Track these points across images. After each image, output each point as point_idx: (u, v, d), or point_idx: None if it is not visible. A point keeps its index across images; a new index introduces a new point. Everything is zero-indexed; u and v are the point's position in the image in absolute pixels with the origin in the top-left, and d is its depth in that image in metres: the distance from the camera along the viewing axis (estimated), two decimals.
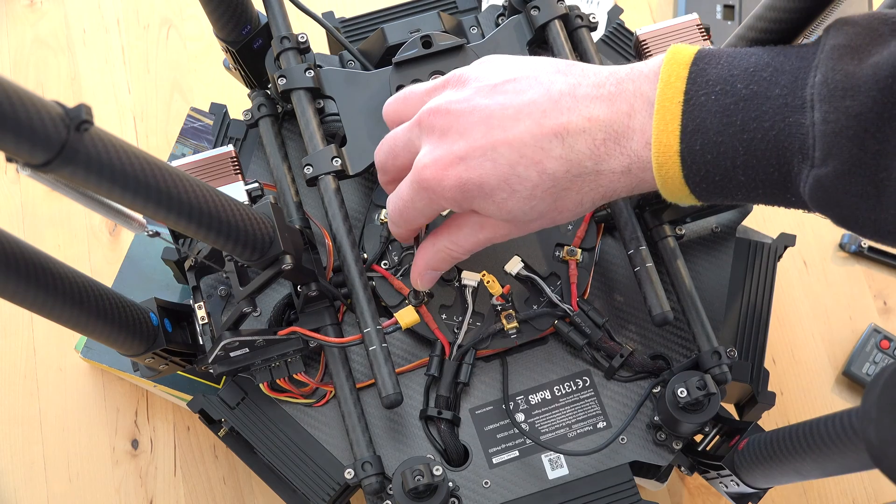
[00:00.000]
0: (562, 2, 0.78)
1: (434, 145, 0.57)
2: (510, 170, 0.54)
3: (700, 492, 0.92)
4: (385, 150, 0.62)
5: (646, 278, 0.71)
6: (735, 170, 0.50)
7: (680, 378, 0.68)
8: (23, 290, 0.56)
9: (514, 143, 0.54)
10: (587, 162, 0.53)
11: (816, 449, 0.55)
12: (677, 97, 0.51)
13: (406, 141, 0.60)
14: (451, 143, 0.56)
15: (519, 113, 0.54)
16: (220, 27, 0.77)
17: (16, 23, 1.11)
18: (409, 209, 0.60)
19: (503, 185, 0.55)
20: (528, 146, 0.54)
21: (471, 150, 0.55)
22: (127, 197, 0.50)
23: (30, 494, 0.93)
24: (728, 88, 0.50)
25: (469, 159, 0.55)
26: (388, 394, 0.66)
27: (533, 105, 0.54)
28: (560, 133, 0.53)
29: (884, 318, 0.98)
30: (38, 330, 0.98)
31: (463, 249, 0.62)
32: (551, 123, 0.54)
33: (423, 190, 0.58)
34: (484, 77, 0.57)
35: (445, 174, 0.56)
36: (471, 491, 0.71)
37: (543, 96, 0.54)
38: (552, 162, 0.54)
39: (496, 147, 0.54)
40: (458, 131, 0.56)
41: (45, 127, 0.43)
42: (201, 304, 0.71)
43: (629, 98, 0.53)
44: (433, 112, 0.57)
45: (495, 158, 0.54)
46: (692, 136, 0.50)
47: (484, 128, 0.55)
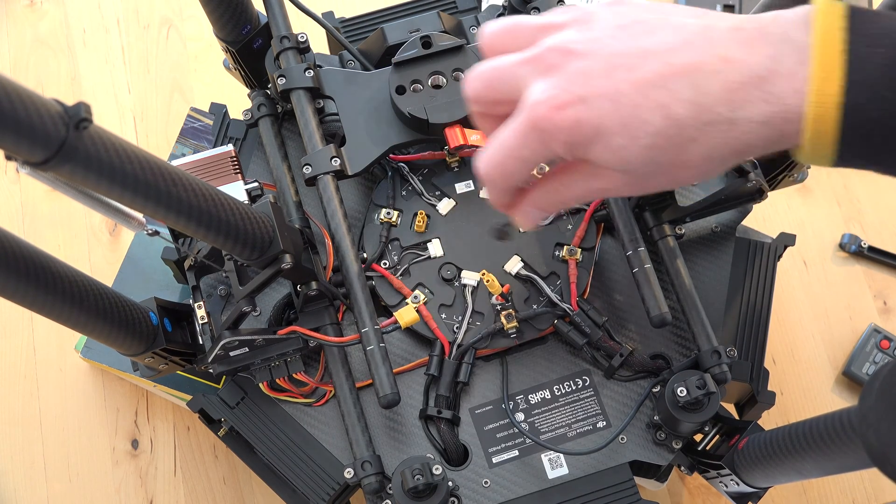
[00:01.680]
0: (561, 2, 0.78)
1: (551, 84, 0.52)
2: (632, 112, 0.50)
3: (700, 491, 0.92)
4: (485, 78, 0.56)
5: (644, 280, 0.71)
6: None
7: (680, 377, 0.68)
8: (23, 290, 0.56)
9: (639, 84, 0.50)
10: (720, 107, 0.49)
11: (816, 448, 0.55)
12: (838, 45, 0.47)
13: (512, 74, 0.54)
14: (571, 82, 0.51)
15: (646, 52, 0.50)
16: (220, 27, 0.77)
17: (16, 23, 1.11)
18: (514, 157, 0.54)
19: (623, 129, 0.50)
20: (654, 87, 0.50)
21: (591, 89, 0.51)
22: (126, 195, 0.50)
23: (30, 494, 0.93)
24: (892, 43, 0.46)
25: (589, 99, 0.51)
26: (386, 394, 0.66)
27: (662, 44, 0.50)
28: (690, 72, 0.49)
29: (884, 318, 0.98)
30: (38, 330, 0.98)
31: (573, 194, 0.57)
32: (680, 62, 0.49)
33: (533, 130, 0.52)
34: (611, 18, 0.53)
35: (562, 113, 0.51)
36: (470, 490, 0.71)
37: (673, 35, 0.51)
38: (679, 105, 0.49)
39: (619, 87, 0.50)
40: (579, 71, 0.51)
41: (44, 125, 0.43)
42: (201, 304, 0.71)
43: (774, 41, 0.49)
44: (554, 50, 0.53)
45: (617, 99, 0.50)
46: (858, 89, 0.47)
47: (608, 67, 0.51)
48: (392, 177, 0.78)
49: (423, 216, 0.76)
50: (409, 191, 0.78)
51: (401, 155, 0.78)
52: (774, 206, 1.02)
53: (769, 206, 1.01)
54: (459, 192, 0.78)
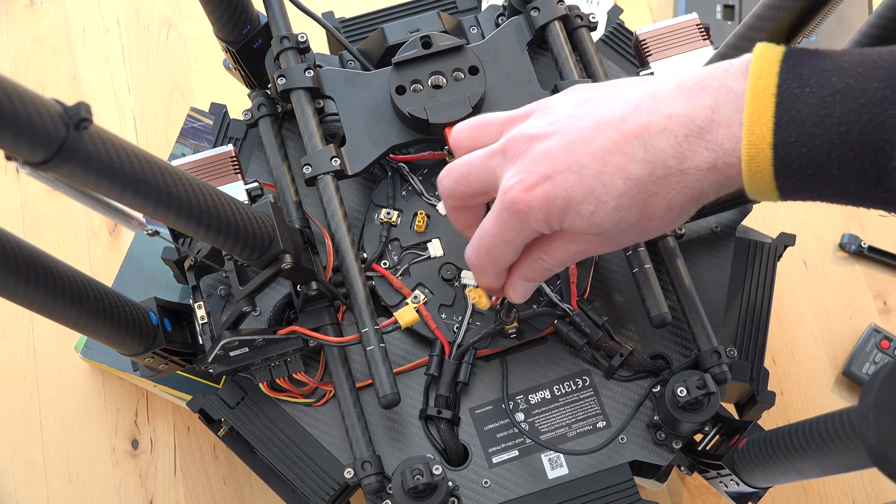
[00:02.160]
0: (562, 3, 0.78)
1: (519, 169, 0.56)
2: (595, 180, 0.54)
3: (700, 491, 0.92)
4: (457, 174, 0.60)
5: (644, 280, 0.71)
6: (830, 163, 0.49)
7: (680, 377, 0.68)
8: (23, 290, 0.56)
9: (597, 153, 0.54)
10: (670, 161, 0.52)
11: (816, 448, 0.55)
12: (770, 89, 0.50)
13: (484, 167, 0.59)
14: (536, 163, 0.56)
15: (599, 123, 0.54)
16: (220, 27, 0.77)
17: (16, 23, 1.11)
18: (498, 244, 0.59)
19: (590, 196, 0.54)
20: (611, 153, 0.53)
21: (555, 167, 0.55)
22: (126, 195, 0.50)
23: (30, 494, 0.93)
24: (823, 82, 0.49)
25: (554, 176, 0.55)
26: (386, 394, 0.66)
27: (613, 113, 0.54)
28: (640, 135, 0.53)
29: (884, 318, 0.98)
30: (38, 330, 0.98)
31: (556, 261, 0.60)
32: (631, 127, 0.53)
33: (512, 214, 0.57)
34: (567, 100, 0.57)
35: (532, 192, 0.55)
36: (470, 490, 0.71)
37: (622, 103, 0.54)
38: (636, 166, 0.53)
39: (579, 160, 0.54)
40: (542, 153, 0.55)
41: (44, 125, 0.43)
42: (201, 304, 0.71)
43: (712, 93, 0.52)
44: (518, 138, 0.57)
45: (580, 171, 0.54)
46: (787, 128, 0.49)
47: (567, 144, 0.55)
48: (392, 177, 0.78)
49: (423, 216, 0.76)
50: (409, 191, 0.78)
51: (401, 155, 0.78)
52: (774, 206, 1.02)
53: (769, 206, 1.02)
54: None
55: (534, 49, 0.79)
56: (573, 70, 0.76)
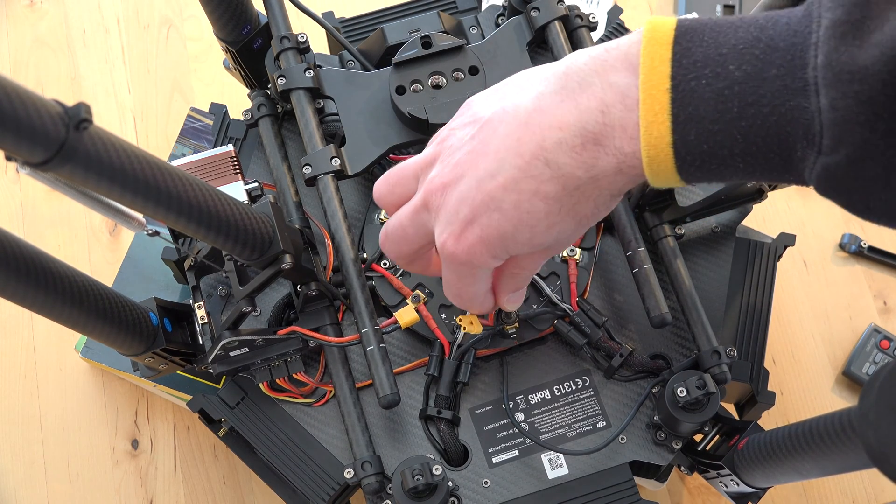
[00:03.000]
0: (562, 3, 0.78)
1: (445, 222, 0.56)
2: (517, 211, 0.53)
3: (700, 492, 0.92)
4: (396, 238, 0.61)
5: (644, 280, 0.71)
6: (733, 157, 0.48)
7: (680, 377, 0.68)
8: (23, 290, 0.56)
9: (508, 184, 0.53)
10: (578, 172, 0.51)
11: (816, 448, 0.55)
12: (663, 83, 0.48)
13: (417, 224, 0.59)
14: (457, 212, 0.55)
15: (497, 152, 0.53)
16: (220, 27, 0.77)
17: (16, 23, 1.11)
18: (463, 288, 0.60)
19: (520, 226, 0.54)
20: (520, 181, 0.52)
21: (474, 210, 0.54)
22: (126, 196, 0.50)
23: (30, 494, 0.93)
24: (719, 71, 0.47)
25: (478, 218, 0.54)
26: (386, 394, 0.66)
27: (508, 138, 0.53)
28: (540, 155, 0.51)
29: (884, 318, 0.98)
30: (38, 330, 0.98)
31: (529, 270, 0.61)
32: (529, 148, 0.52)
33: (459, 266, 0.57)
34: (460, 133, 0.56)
35: (467, 242, 0.55)
36: (470, 490, 0.71)
37: (514, 124, 0.53)
38: (547, 186, 0.52)
39: (493, 195, 0.53)
40: (458, 199, 0.55)
41: (44, 125, 0.43)
42: (201, 304, 0.71)
43: (597, 93, 0.50)
44: (432, 192, 0.57)
45: (499, 206, 0.53)
46: (685, 126, 0.48)
47: (475, 183, 0.54)
48: None
49: None
50: None
51: (401, 155, 0.78)
52: (774, 206, 1.02)
53: (769, 206, 1.02)
54: None
55: (534, 49, 0.79)
56: None
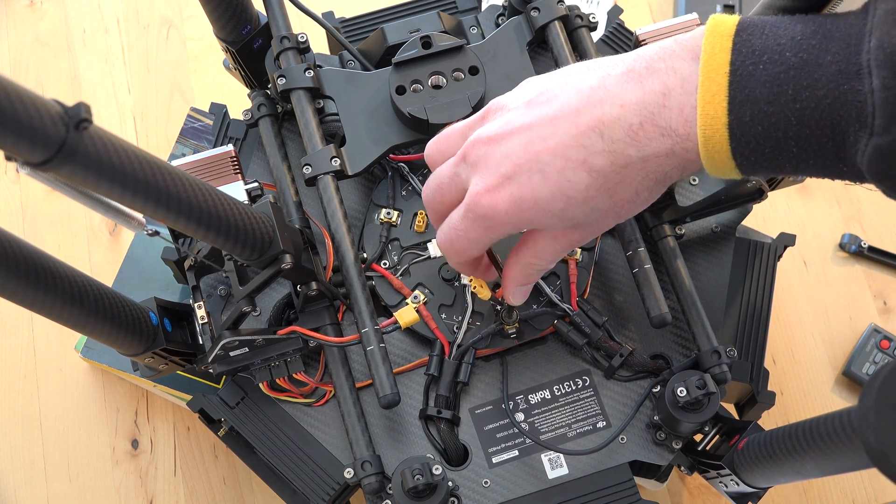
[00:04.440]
0: (562, 3, 0.78)
1: (482, 174, 0.56)
2: (560, 177, 0.53)
3: (700, 492, 0.92)
4: (432, 188, 0.61)
5: (644, 280, 0.71)
6: (787, 141, 0.48)
7: (680, 377, 0.68)
8: (23, 290, 0.56)
9: (557, 149, 0.53)
10: (630, 150, 0.52)
11: (816, 448, 0.55)
12: (723, 68, 0.49)
13: (452, 176, 0.59)
14: (497, 166, 0.55)
15: (554, 119, 0.54)
16: (220, 27, 0.77)
17: (16, 23, 1.11)
18: (462, 240, 0.59)
19: (557, 194, 0.54)
20: (571, 148, 0.53)
21: (517, 167, 0.54)
22: (126, 196, 0.50)
23: (30, 494, 0.93)
24: (776, 58, 0.48)
25: (517, 176, 0.54)
26: (386, 394, 0.66)
27: (566, 107, 0.53)
28: (596, 127, 0.52)
29: (884, 318, 0.98)
30: (38, 330, 0.98)
31: (546, 260, 0.61)
32: (586, 119, 0.52)
33: (478, 219, 0.57)
34: (518, 98, 0.57)
35: (498, 197, 0.55)
36: (470, 490, 0.71)
37: (575, 95, 0.54)
38: (597, 158, 0.53)
39: (540, 157, 0.54)
40: (502, 154, 0.55)
41: (44, 125, 0.43)
42: (201, 304, 0.71)
43: (661, 77, 0.51)
44: (476, 143, 0.57)
45: (542, 169, 0.54)
46: (741, 107, 0.49)
47: (525, 142, 0.54)
48: (392, 177, 0.78)
49: (423, 216, 0.76)
50: (409, 191, 0.78)
51: (401, 155, 0.78)
52: (774, 206, 1.02)
53: (769, 206, 1.02)
54: None
55: (534, 49, 0.79)
56: None
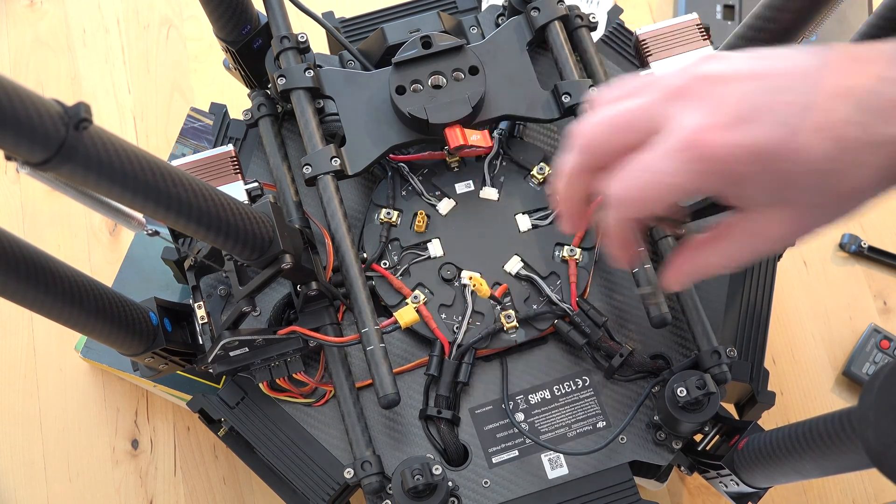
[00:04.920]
0: (562, 3, 0.78)
1: (706, 111, 0.47)
2: (801, 137, 0.46)
3: (700, 492, 0.92)
4: (608, 122, 0.50)
5: (644, 280, 0.71)
6: None
7: (680, 377, 0.68)
8: (23, 290, 0.56)
9: (798, 105, 0.46)
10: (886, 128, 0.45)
11: (815, 448, 0.55)
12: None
13: (650, 110, 0.49)
14: (730, 105, 0.47)
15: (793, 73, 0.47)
16: (220, 27, 0.77)
17: (16, 23, 1.11)
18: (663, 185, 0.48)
19: (796, 153, 0.46)
20: (815, 109, 0.46)
21: (756, 111, 0.47)
22: (126, 195, 0.50)
23: (30, 494, 0.93)
24: None
25: (758, 121, 0.46)
26: (386, 394, 0.66)
27: (804, 65, 0.47)
28: (851, 93, 0.46)
29: (884, 318, 0.98)
30: (38, 330, 0.98)
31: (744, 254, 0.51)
32: (837, 83, 0.46)
33: (695, 160, 0.47)
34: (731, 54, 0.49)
35: (731, 137, 0.46)
36: (470, 490, 0.71)
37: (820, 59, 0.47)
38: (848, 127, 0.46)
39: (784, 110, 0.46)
40: (734, 94, 0.47)
41: (43, 125, 0.43)
42: (201, 304, 0.71)
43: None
44: (701, 79, 0.48)
45: (786, 121, 0.46)
46: None
47: (763, 89, 0.47)
48: (392, 177, 0.78)
49: (423, 216, 0.76)
50: (409, 191, 0.78)
51: (401, 155, 0.78)
52: None
53: None
54: (459, 192, 0.78)
55: (534, 49, 0.79)
56: (573, 70, 0.76)
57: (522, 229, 0.76)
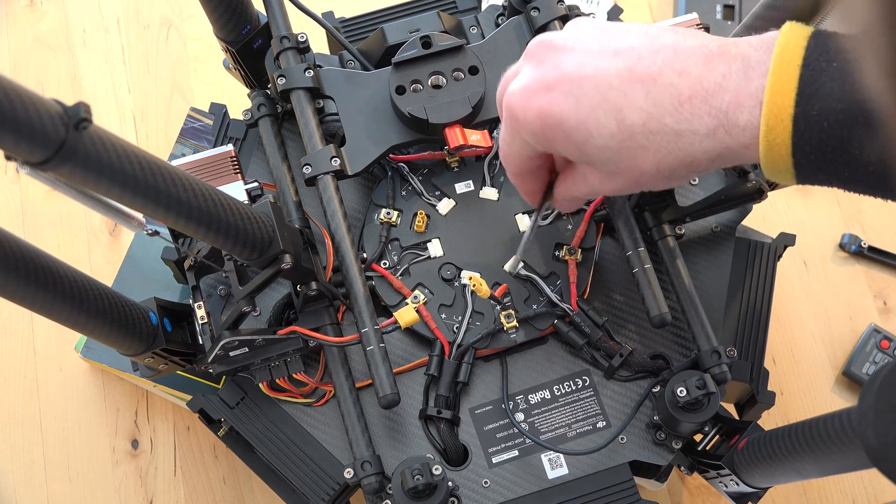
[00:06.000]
0: (562, 3, 0.78)
1: (527, 74, 0.56)
2: (590, 112, 0.53)
3: (700, 492, 0.92)
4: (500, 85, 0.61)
5: (644, 280, 0.71)
6: (851, 141, 0.48)
7: (679, 377, 0.68)
8: (23, 290, 0.56)
9: (601, 84, 0.53)
10: (667, 118, 0.51)
11: (815, 448, 0.55)
12: (796, 60, 0.48)
13: (514, 73, 0.59)
14: (545, 71, 0.55)
15: (616, 54, 0.53)
16: (220, 27, 0.77)
17: (16, 23, 1.11)
18: (503, 142, 0.60)
19: (581, 126, 0.54)
20: (613, 90, 0.53)
21: (559, 80, 0.54)
22: (126, 195, 0.50)
23: (30, 494, 0.93)
24: (849, 58, 0.47)
25: (555, 90, 0.54)
26: (386, 394, 0.66)
27: (631, 51, 0.53)
28: (646, 81, 0.52)
29: (884, 318, 0.98)
30: (38, 330, 0.98)
31: (579, 192, 0.61)
32: (640, 70, 0.52)
33: (509, 118, 0.57)
34: (599, 24, 0.57)
35: (529, 102, 0.55)
36: (470, 490, 0.71)
37: (645, 45, 0.53)
38: (632, 112, 0.52)
39: (582, 83, 0.53)
40: (554, 62, 0.55)
41: (43, 125, 0.43)
42: (201, 304, 0.71)
43: (728, 59, 0.51)
44: (540, 43, 0.57)
45: (578, 96, 0.53)
46: (809, 100, 0.48)
47: (579, 61, 0.54)
48: (392, 177, 0.78)
49: (423, 216, 0.76)
50: (409, 191, 0.78)
51: (401, 155, 0.78)
52: (774, 206, 1.02)
53: (769, 206, 1.01)
54: (459, 192, 0.78)
55: None
56: None
57: (522, 229, 0.76)
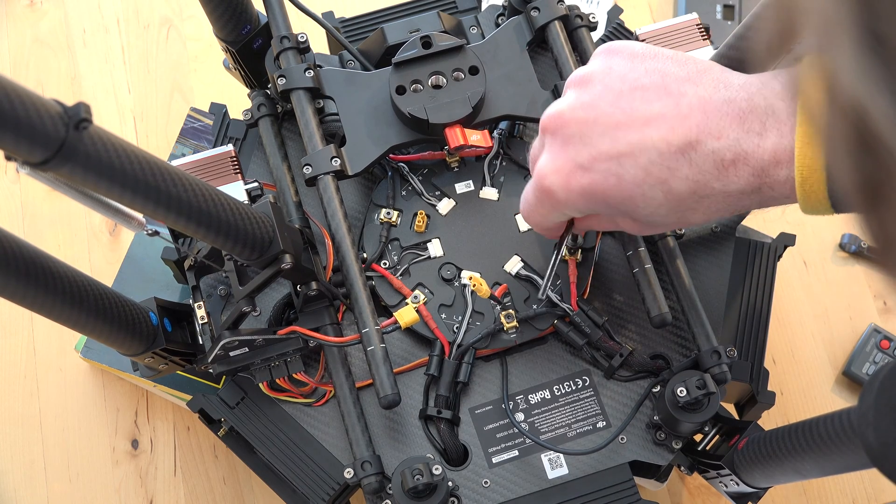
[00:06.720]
0: (562, 3, 0.78)
1: (555, 153, 0.55)
2: (635, 188, 0.53)
3: (700, 492, 0.92)
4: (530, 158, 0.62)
5: (644, 280, 0.71)
6: None
7: (679, 377, 0.68)
8: (23, 290, 0.56)
9: (640, 160, 0.52)
10: (715, 183, 0.51)
11: (815, 448, 0.55)
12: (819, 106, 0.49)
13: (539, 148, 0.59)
14: (574, 151, 0.54)
15: (646, 125, 0.52)
16: (220, 27, 0.77)
17: (16, 23, 1.11)
18: (535, 213, 0.61)
19: (628, 200, 0.54)
20: (655, 164, 0.52)
21: (594, 159, 0.53)
22: (126, 195, 0.50)
23: (30, 494, 0.93)
24: None
25: (593, 170, 0.54)
26: (386, 394, 0.66)
27: (661, 119, 0.52)
28: (688, 151, 0.51)
29: (884, 318, 0.98)
30: (38, 330, 0.98)
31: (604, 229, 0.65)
32: (679, 141, 0.51)
33: (546, 198, 0.57)
34: (609, 80, 0.55)
35: (569, 183, 0.55)
36: (470, 490, 0.71)
37: (672, 110, 0.52)
38: (678, 182, 0.52)
39: (621, 160, 0.53)
40: (580, 139, 0.54)
41: (43, 125, 0.43)
42: (201, 304, 0.71)
43: (760, 116, 0.51)
44: (554, 117, 0.56)
45: (620, 174, 0.53)
46: None
47: (609, 138, 0.53)
48: (392, 177, 0.78)
49: (423, 216, 0.76)
50: (409, 191, 0.78)
51: (401, 155, 0.78)
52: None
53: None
54: (459, 192, 0.78)
55: (534, 49, 0.79)
56: (573, 70, 0.76)
57: (522, 229, 0.76)
